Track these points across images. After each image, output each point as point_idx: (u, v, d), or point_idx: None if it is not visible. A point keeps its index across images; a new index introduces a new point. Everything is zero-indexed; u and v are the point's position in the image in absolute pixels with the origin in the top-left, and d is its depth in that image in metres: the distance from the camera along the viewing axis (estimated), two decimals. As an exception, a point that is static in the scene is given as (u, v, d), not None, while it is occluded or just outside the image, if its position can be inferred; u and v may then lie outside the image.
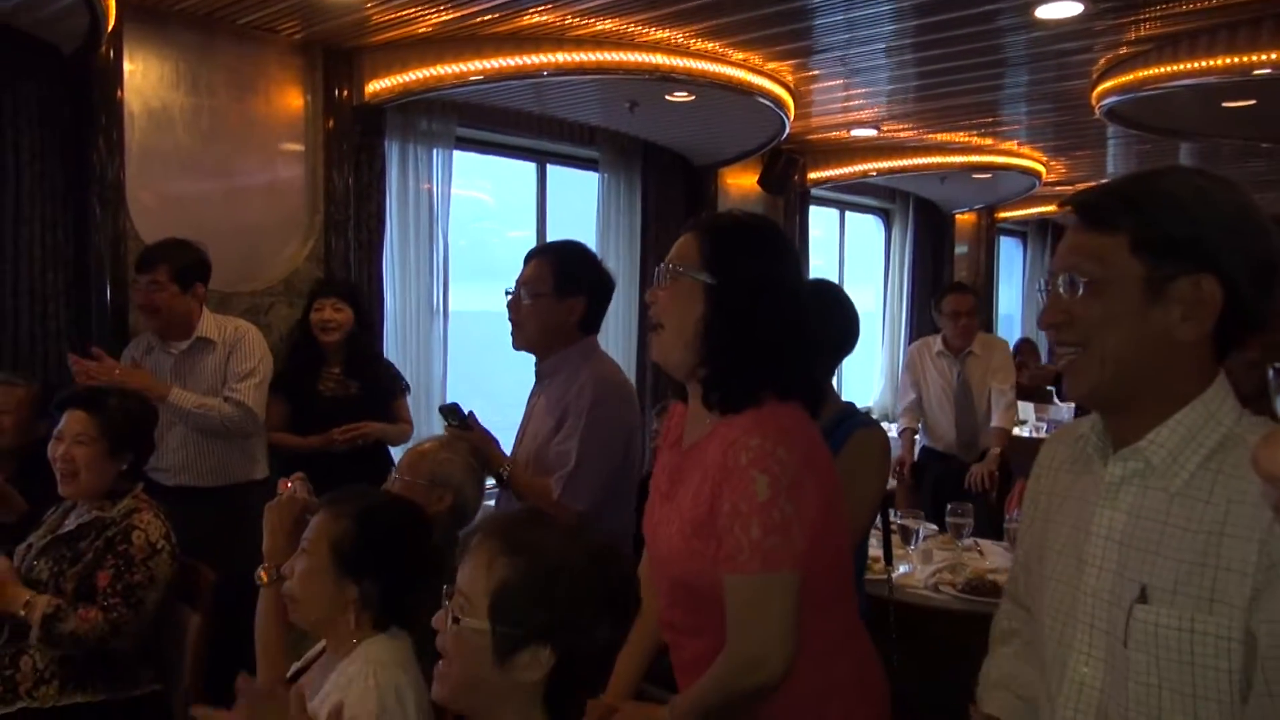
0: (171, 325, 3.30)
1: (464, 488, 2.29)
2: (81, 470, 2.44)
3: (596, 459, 2.42)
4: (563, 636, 1.19)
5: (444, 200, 4.91)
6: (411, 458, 2.35)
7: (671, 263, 1.58)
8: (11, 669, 2.34)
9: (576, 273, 2.55)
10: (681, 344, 1.56)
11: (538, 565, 1.21)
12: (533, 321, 2.53)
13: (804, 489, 1.48)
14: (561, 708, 1.22)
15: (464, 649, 1.22)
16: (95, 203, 3.59)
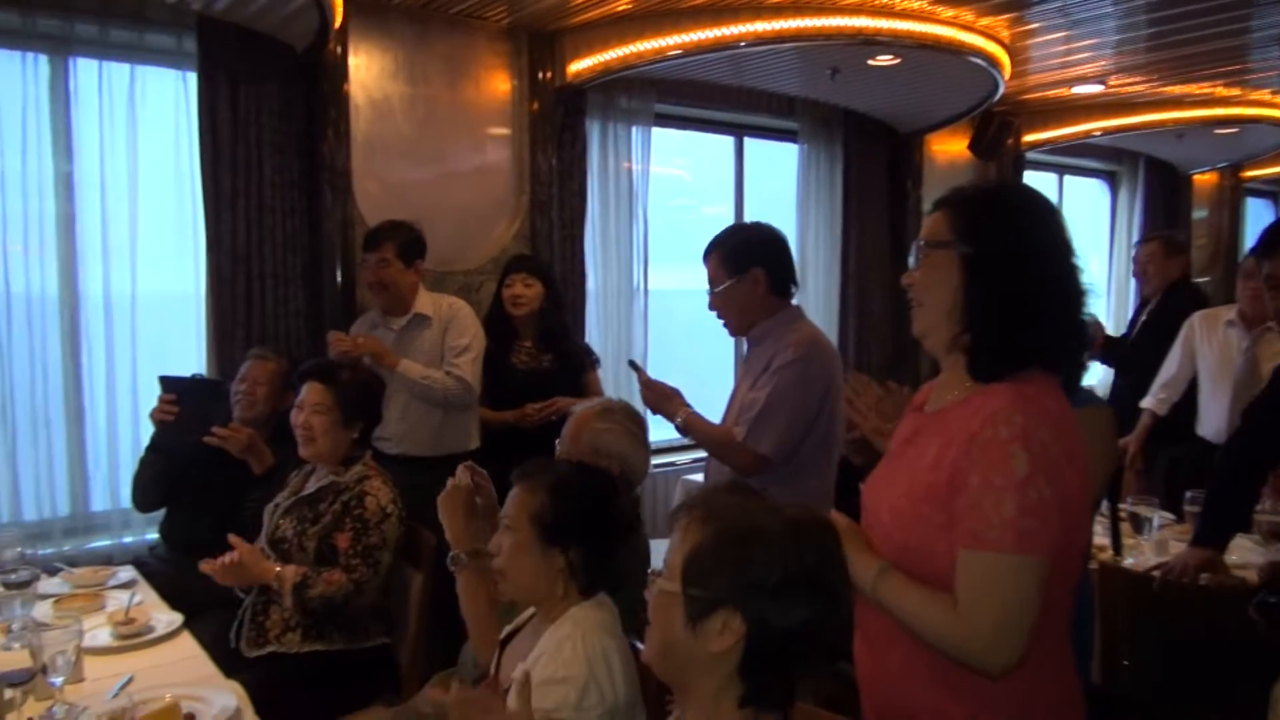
0: (396, 301, 3.52)
1: (627, 454, 2.35)
2: (319, 436, 2.64)
3: (785, 408, 2.50)
4: (753, 605, 1.16)
5: (643, 178, 4.96)
6: (572, 430, 2.41)
7: (924, 240, 1.54)
8: (262, 617, 2.58)
9: (744, 248, 2.64)
10: (941, 316, 1.51)
11: (730, 530, 1.19)
12: (730, 309, 2.66)
13: (1063, 476, 1.38)
14: (760, 685, 1.18)
15: (660, 612, 1.22)
16: (326, 190, 3.88)
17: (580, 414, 2.44)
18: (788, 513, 1.23)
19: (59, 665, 1.87)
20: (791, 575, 1.16)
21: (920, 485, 1.47)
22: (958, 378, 1.53)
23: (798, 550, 1.18)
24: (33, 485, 3.50)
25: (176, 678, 2.11)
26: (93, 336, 3.61)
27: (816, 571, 1.19)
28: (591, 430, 2.37)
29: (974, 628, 1.38)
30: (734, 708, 1.19)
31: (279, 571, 2.50)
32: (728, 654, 1.17)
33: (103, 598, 2.67)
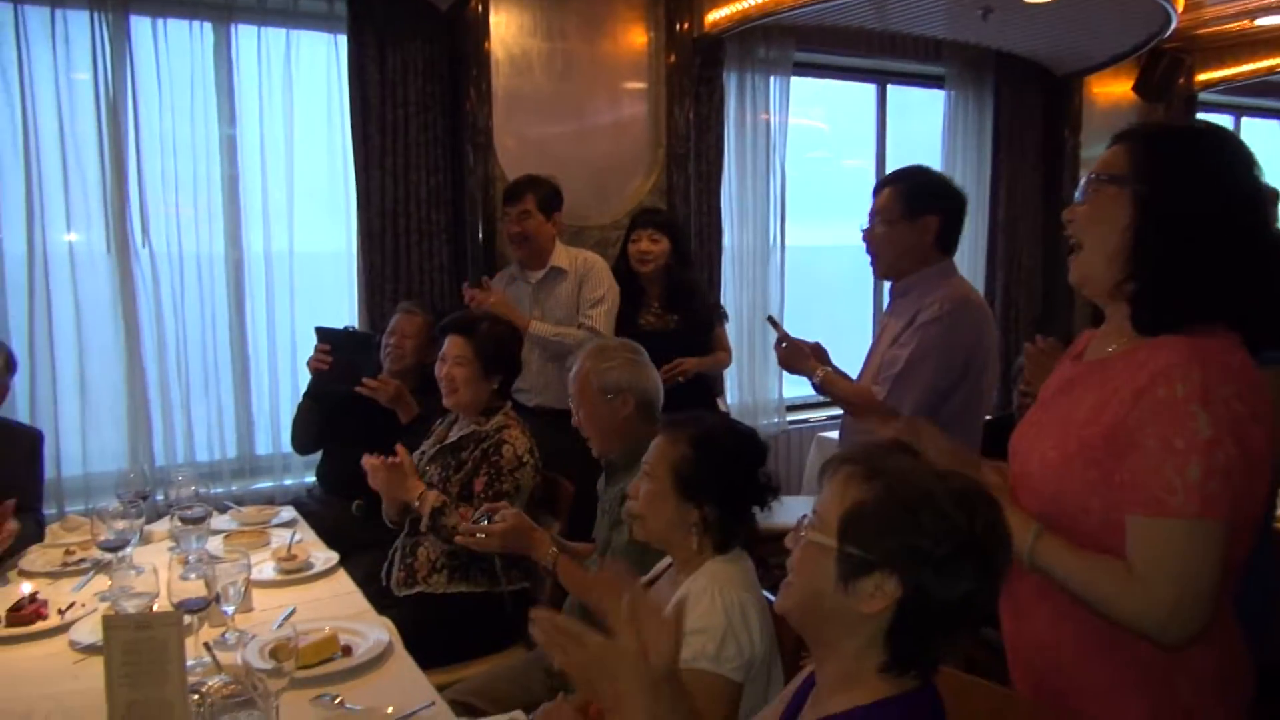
0: (535, 253, 3.57)
1: (635, 383, 2.36)
2: (460, 387, 2.73)
3: (929, 367, 2.39)
4: (912, 570, 1.11)
5: (780, 130, 4.85)
6: (577, 385, 2.42)
7: (1096, 173, 1.42)
8: (411, 558, 2.70)
9: (926, 192, 2.52)
10: (1104, 259, 1.40)
11: (895, 492, 1.14)
12: (889, 248, 2.53)
13: (1250, 436, 1.27)
14: (905, 652, 1.14)
15: (808, 564, 1.18)
16: (468, 148, 3.96)
17: (579, 367, 2.44)
18: (955, 481, 1.17)
19: (230, 595, 2.01)
20: (958, 547, 1.11)
21: (1073, 439, 1.39)
22: (1120, 327, 1.43)
23: (968, 522, 1.12)
24: (205, 430, 3.77)
25: (333, 612, 2.24)
26: (255, 292, 3.83)
27: (983, 546, 1.13)
28: (596, 373, 2.38)
29: (1155, 597, 1.29)
30: (874, 670, 1.15)
31: (424, 492, 2.60)
32: (877, 616, 1.13)
33: (267, 535, 2.85)
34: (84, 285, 3.53)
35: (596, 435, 2.40)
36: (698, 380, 3.77)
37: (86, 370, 3.56)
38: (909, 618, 1.12)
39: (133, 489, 2.67)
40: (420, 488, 2.62)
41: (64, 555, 2.64)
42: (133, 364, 3.60)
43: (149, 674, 1.57)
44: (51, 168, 3.43)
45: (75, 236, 3.52)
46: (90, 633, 2.03)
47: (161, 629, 1.58)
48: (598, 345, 2.51)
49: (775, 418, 5.02)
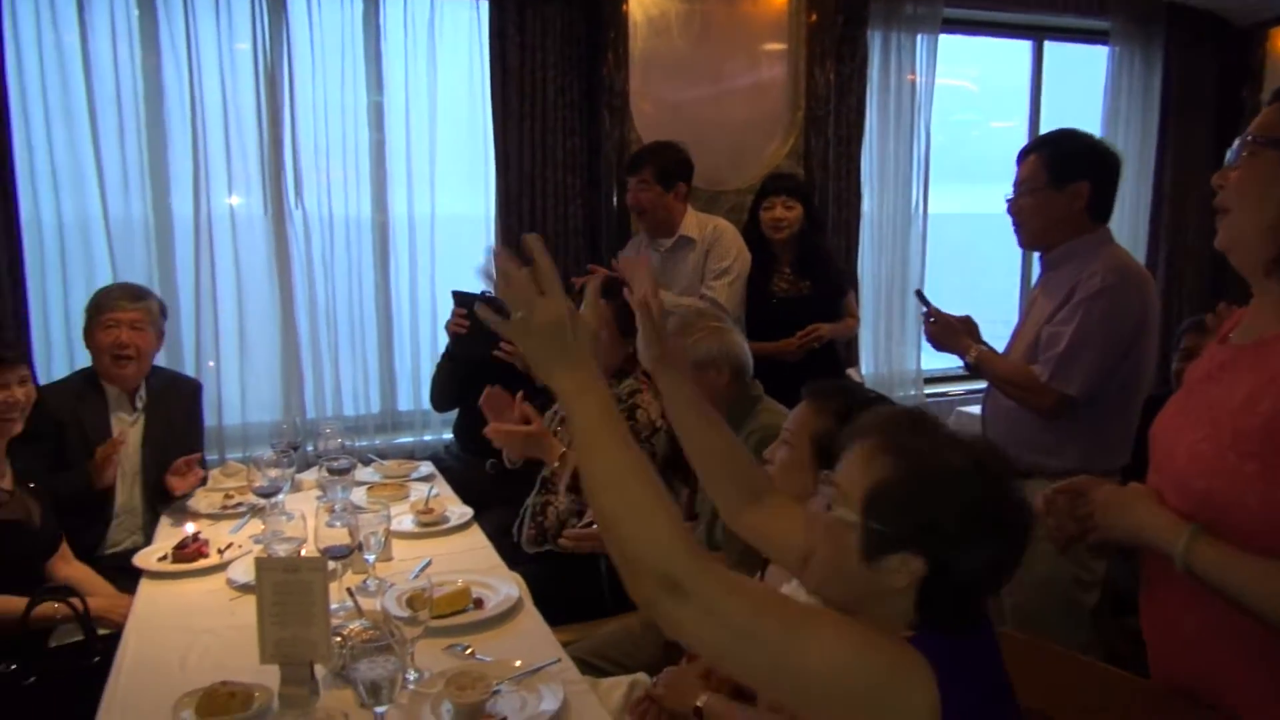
0: (657, 223, 3.55)
1: (727, 351, 2.29)
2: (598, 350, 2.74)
3: (1095, 344, 2.23)
4: (936, 548, 1.09)
5: (927, 91, 4.66)
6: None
7: (1252, 134, 1.30)
8: (541, 517, 2.76)
9: (1074, 158, 2.35)
10: (1257, 230, 1.28)
11: (917, 470, 1.12)
12: (1035, 217, 2.38)
13: None
14: (936, 615, 1.12)
15: (832, 539, 1.16)
16: (605, 112, 3.97)
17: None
18: (973, 449, 1.15)
19: (372, 544, 2.10)
20: (976, 518, 1.10)
21: (1227, 430, 1.27)
22: (1275, 307, 1.30)
23: (984, 491, 1.11)
24: (351, 385, 3.94)
25: (467, 565, 2.31)
26: (398, 253, 3.96)
27: (1000, 513, 1.11)
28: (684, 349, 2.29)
29: None
30: (907, 629, 1.13)
31: (565, 452, 2.63)
32: (905, 590, 1.11)
33: (407, 488, 2.96)
34: (243, 246, 3.73)
35: None
36: (828, 348, 3.69)
37: (245, 326, 3.77)
38: (935, 588, 1.11)
39: (285, 439, 2.82)
40: (560, 448, 2.65)
41: (224, 499, 2.83)
42: (286, 321, 3.80)
43: (296, 614, 1.65)
44: (215, 135, 3.62)
45: (236, 200, 3.72)
46: (245, 572, 2.16)
47: (308, 573, 1.66)
48: (680, 319, 2.45)
49: (912, 390, 4.87)
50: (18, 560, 2.32)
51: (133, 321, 2.88)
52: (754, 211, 3.71)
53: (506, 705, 1.62)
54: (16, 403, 2.37)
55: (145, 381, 2.97)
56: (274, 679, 1.67)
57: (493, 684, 1.63)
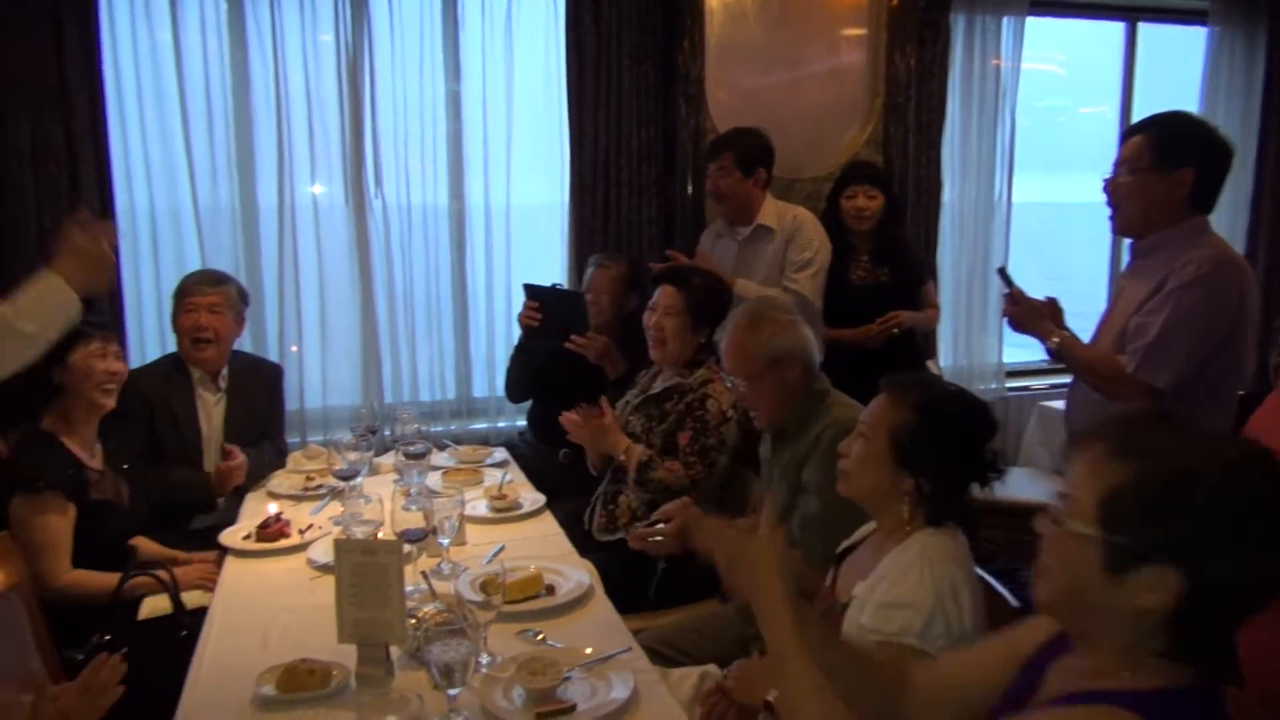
0: (736, 210, 3.50)
1: (802, 344, 2.24)
2: (669, 339, 2.74)
3: (1185, 335, 2.14)
4: (1193, 560, 0.98)
5: (1012, 75, 4.52)
6: (736, 355, 2.28)
7: None
8: (612, 505, 2.76)
9: (1181, 142, 2.25)
10: None
11: (1158, 472, 1.01)
12: (1133, 200, 2.28)
13: None
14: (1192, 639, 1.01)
15: (1067, 555, 1.07)
16: (680, 100, 3.94)
17: (735, 339, 2.30)
18: (1226, 449, 1.03)
19: (446, 529, 2.13)
20: (1242, 522, 0.98)
21: None
22: None
23: (1250, 490, 0.99)
24: (427, 371, 4.01)
25: (539, 551, 2.33)
26: (474, 242, 4.00)
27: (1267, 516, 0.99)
28: (757, 343, 2.25)
29: None
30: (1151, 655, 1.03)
31: (630, 446, 2.64)
32: (1157, 612, 1.01)
33: (481, 474, 3.00)
34: (325, 234, 3.81)
35: (766, 406, 2.30)
36: (907, 338, 3.62)
37: (326, 312, 3.86)
38: (1196, 607, 1.00)
39: (364, 424, 2.88)
40: (625, 442, 2.65)
41: (305, 481, 2.90)
42: (366, 307, 3.87)
43: (372, 595, 1.68)
44: (299, 126, 3.70)
45: (318, 189, 3.80)
46: (325, 553, 2.21)
47: (384, 555, 1.69)
48: (750, 313, 2.39)
49: (993, 383, 4.74)
50: (108, 538, 2.42)
51: (211, 305, 2.97)
52: (834, 199, 3.64)
53: (577, 692, 1.62)
54: (115, 374, 2.46)
55: (228, 364, 3.06)
56: (351, 658, 1.70)
57: (563, 670, 1.64)
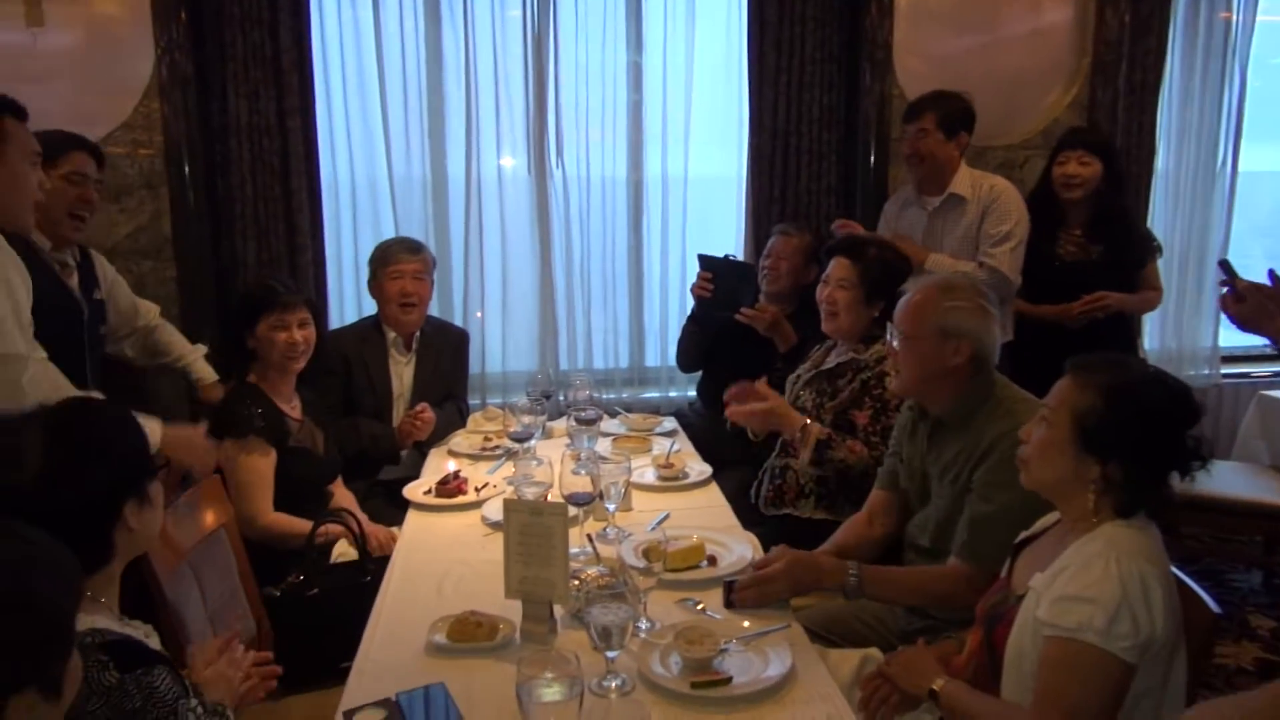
0: (932, 176, 3.33)
1: (980, 333, 2.04)
2: (841, 312, 2.65)
3: None
4: None
5: (1244, 30, 4.09)
6: (911, 310, 2.10)
7: None
8: (780, 480, 2.72)
9: None
10: None
11: None
12: None
13: None
14: None
15: None
16: (865, 64, 3.80)
17: (919, 296, 2.12)
18: None
19: (612, 494, 2.16)
20: None
21: None
22: None
23: None
24: (602, 339, 4.09)
25: (703, 522, 2.33)
26: (651, 213, 4.03)
27: None
28: (937, 309, 2.07)
29: None
30: None
31: (807, 424, 2.57)
32: None
33: (649, 442, 3.03)
34: (508, 204, 3.94)
35: (910, 372, 2.13)
36: (1118, 321, 3.36)
37: (508, 279, 4.00)
38: None
39: (539, 389, 2.98)
40: (800, 420, 2.58)
41: (483, 441, 3.03)
42: (544, 276, 3.98)
43: (537, 555, 1.73)
44: (486, 99, 3.83)
45: (503, 160, 3.93)
46: (497, 511, 2.29)
47: (549, 517, 1.74)
48: (945, 279, 2.26)
49: (1206, 369, 4.35)
50: (305, 483, 2.61)
51: (414, 272, 3.15)
52: (1047, 167, 3.41)
53: (733, 664, 1.61)
54: (296, 344, 2.63)
55: (419, 328, 3.23)
56: (518, 614, 1.76)
57: (721, 641, 1.63)
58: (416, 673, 1.63)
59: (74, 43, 3.43)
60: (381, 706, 1.52)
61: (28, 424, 1.35)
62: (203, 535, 2.10)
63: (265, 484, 2.50)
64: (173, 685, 1.23)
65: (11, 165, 2.04)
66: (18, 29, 3.36)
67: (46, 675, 0.96)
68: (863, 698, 1.70)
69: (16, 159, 2.04)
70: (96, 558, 1.35)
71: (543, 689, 1.30)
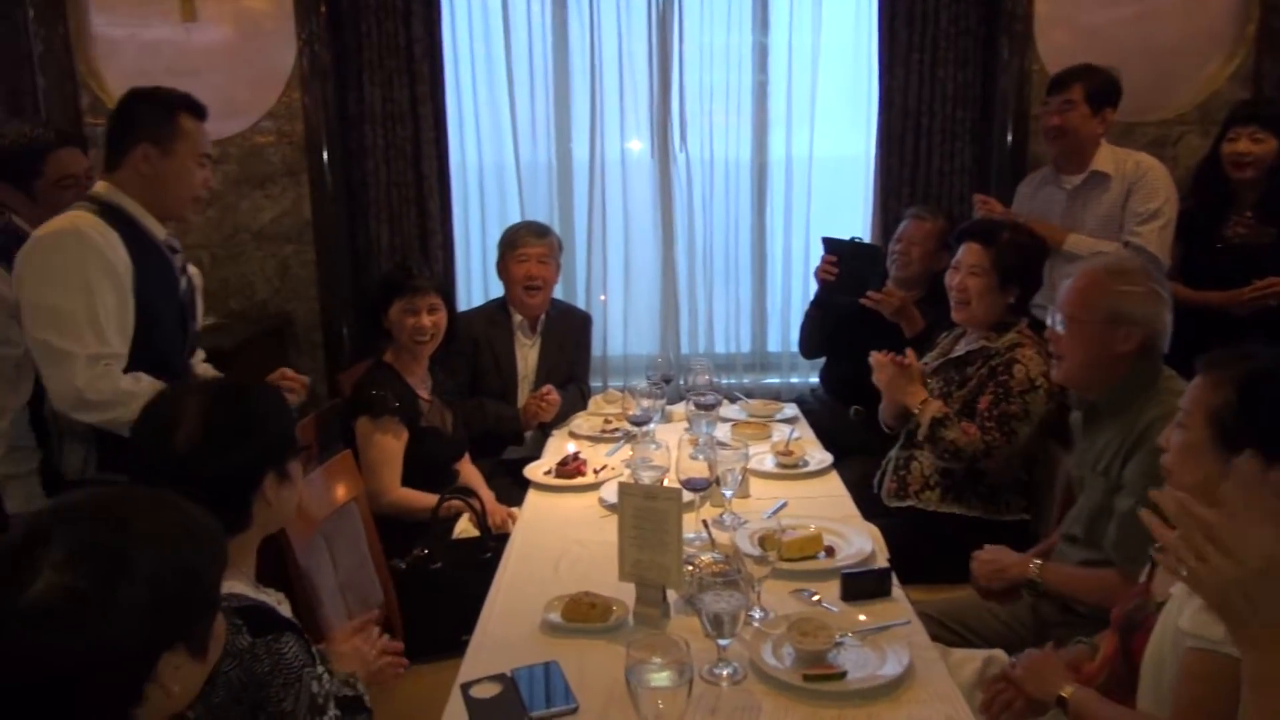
0: (1073, 152, 3.15)
1: (1151, 319, 1.92)
2: (973, 299, 2.55)
3: None
4: None
5: None
6: (1078, 293, 1.98)
7: None
8: (904, 471, 2.65)
9: None
10: None
11: None
12: None
13: None
14: None
15: None
16: (1004, 38, 3.63)
17: (1086, 279, 1.99)
18: None
19: (729, 480, 2.14)
20: None
21: None
22: None
23: None
24: (723, 323, 4.06)
25: (822, 511, 2.28)
26: (775, 196, 3.97)
27: None
28: (1107, 293, 1.94)
29: None
30: None
31: (926, 399, 2.52)
32: None
33: (769, 428, 2.99)
34: (631, 188, 3.95)
35: (1074, 360, 2.03)
36: None
37: (630, 263, 4.02)
38: None
39: (659, 372, 2.98)
40: (923, 394, 2.54)
41: (603, 423, 3.05)
42: (666, 260, 3.98)
43: (651, 539, 1.73)
44: (610, 84, 3.84)
45: (627, 144, 3.94)
46: (614, 493, 2.31)
47: (664, 501, 1.74)
48: (1115, 261, 2.14)
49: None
50: (433, 461, 2.69)
51: (540, 256, 3.19)
52: (1216, 143, 3.17)
53: (848, 659, 1.57)
54: (423, 328, 2.70)
55: (544, 311, 3.28)
56: (630, 596, 1.77)
57: (836, 634, 1.60)
58: (531, 649, 1.66)
59: (224, 37, 3.63)
60: (497, 681, 1.56)
61: (188, 396, 1.44)
62: (335, 508, 2.19)
63: (395, 462, 2.59)
64: (299, 653, 1.29)
65: (180, 160, 2.14)
66: (173, 24, 3.57)
67: (194, 635, 1.02)
68: (984, 701, 1.64)
69: (186, 155, 2.15)
70: (234, 525, 1.43)
71: (652, 674, 1.30)
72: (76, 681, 0.93)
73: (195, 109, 2.18)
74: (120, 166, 2.14)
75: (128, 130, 2.13)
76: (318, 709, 1.28)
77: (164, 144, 2.12)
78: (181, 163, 2.14)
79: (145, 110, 2.14)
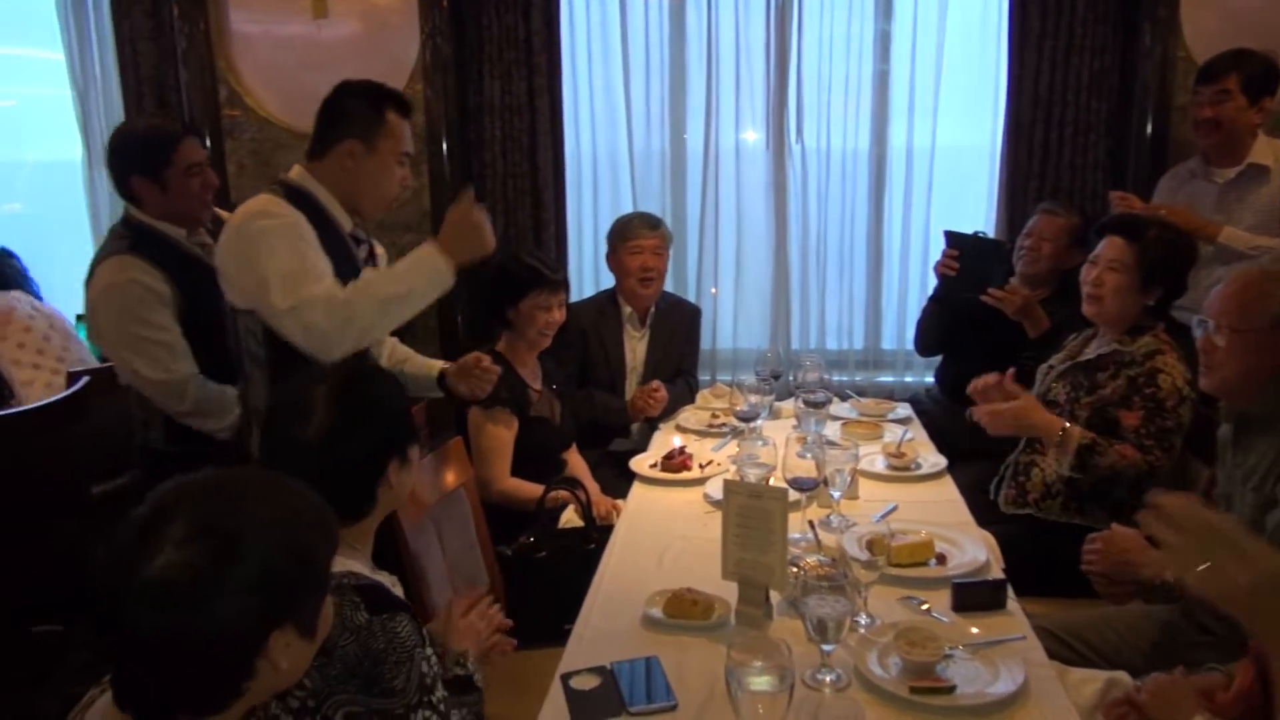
0: (1227, 145, 2.95)
1: None
2: (1107, 296, 2.40)
3: None
4: None
5: None
6: (1229, 303, 1.79)
7: None
8: (1024, 478, 2.53)
9: None
10: None
11: None
12: None
13: None
14: None
15: None
16: (1146, 24, 3.43)
17: (1241, 278, 1.81)
18: None
19: (837, 481, 2.10)
20: None
21: None
22: None
23: None
24: (836, 319, 3.97)
25: (934, 516, 2.20)
26: (894, 187, 3.85)
27: None
28: (1266, 297, 1.75)
29: None
30: None
31: (1067, 427, 2.35)
32: None
33: (881, 428, 2.91)
34: (745, 179, 3.90)
35: (1233, 370, 1.85)
36: None
37: (742, 255, 3.97)
38: None
39: (768, 368, 2.94)
40: (1058, 423, 2.37)
41: (710, 418, 3.03)
42: (779, 253, 3.92)
43: (756, 538, 1.71)
44: (727, 73, 3.80)
45: (744, 135, 3.89)
46: (719, 490, 2.28)
47: (769, 500, 1.71)
48: (1271, 261, 1.97)
49: None
50: (541, 451, 2.72)
51: (654, 248, 3.20)
52: None
53: (958, 673, 1.51)
54: (555, 323, 2.74)
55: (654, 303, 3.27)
56: (733, 595, 1.75)
57: (946, 646, 1.54)
58: (632, 643, 1.66)
59: (351, 32, 3.74)
60: (597, 673, 1.56)
61: (317, 383, 1.49)
62: (444, 493, 2.24)
63: (505, 452, 2.63)
64: (412, 633, 1.32)
65: (382, 157, 2.14)
66: (305, 20, 3.71)
67: (304, 615, 1.06)
68: (1105, 726, 1.55)
69: (388, 153, 2.14)
70: (360, 509, 1.47)
71: (753, 677, 1.28)
72: (191, 653, 0.98)
73: (402, 105, 2.17)
74: (324, 157, 2.13)
75: (336, 122, 2.13)
76: (426, 689, 1.30)
77: (370, 141, 2.12)
78: (383, 160, 2.14)
79: (355, 105, 2.13)
